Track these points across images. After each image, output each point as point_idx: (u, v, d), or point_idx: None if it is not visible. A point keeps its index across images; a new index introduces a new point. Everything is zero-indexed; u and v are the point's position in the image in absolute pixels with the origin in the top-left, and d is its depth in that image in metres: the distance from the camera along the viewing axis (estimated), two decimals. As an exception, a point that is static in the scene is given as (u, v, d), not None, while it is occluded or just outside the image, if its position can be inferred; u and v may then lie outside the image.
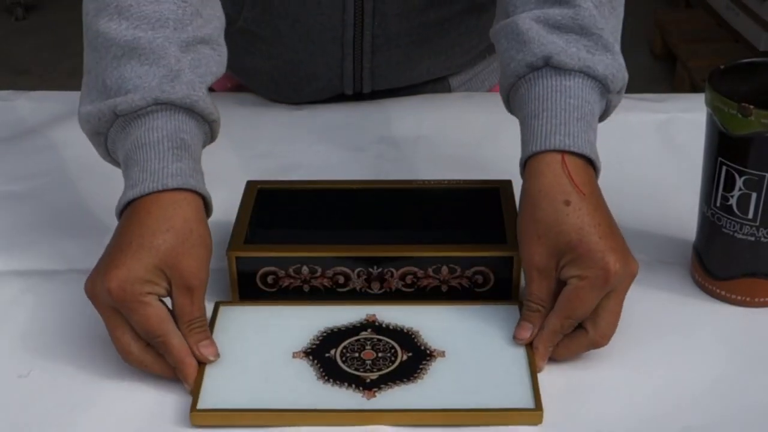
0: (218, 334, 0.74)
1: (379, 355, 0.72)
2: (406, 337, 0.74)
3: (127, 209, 0.72)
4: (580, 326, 0.72)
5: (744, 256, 0.78)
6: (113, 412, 0.69)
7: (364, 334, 0.74)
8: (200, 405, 0.68)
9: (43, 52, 3.59)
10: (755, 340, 0.76)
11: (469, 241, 0.78)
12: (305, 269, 0.77)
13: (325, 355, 0.72)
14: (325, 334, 0.74)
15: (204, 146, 0.78)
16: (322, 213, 0.84)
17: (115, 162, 0.78)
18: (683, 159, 1.00)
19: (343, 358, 0.72)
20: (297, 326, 0.75)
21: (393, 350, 0.72)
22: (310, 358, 0.72)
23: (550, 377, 0.71)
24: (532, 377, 0.70)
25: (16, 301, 0.81)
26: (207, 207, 0.74)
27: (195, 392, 0.69)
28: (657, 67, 3.49)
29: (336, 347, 0.73)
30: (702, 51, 3.20)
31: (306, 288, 0.78)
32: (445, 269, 0.76)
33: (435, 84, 1.14)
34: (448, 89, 1.16)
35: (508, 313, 0.76)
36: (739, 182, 0.75)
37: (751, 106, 0.72)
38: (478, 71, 1.17)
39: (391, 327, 0.75)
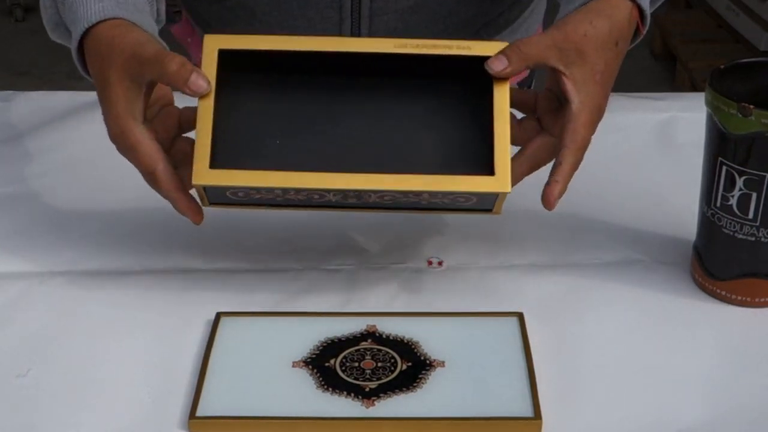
0: (219, 344, 0.74)
1: (379, 364, 0.72)
2: (405, 347, 0.74)
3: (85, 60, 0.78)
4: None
5: (744, 256, 0.78)
6: (111, 419, 0.69)
7: (364, 344, 0.74)
8: (199, 412, 0.68)
9: (43, 53, 3.59)
10: (755, 341, 0.76)
11: (453, 160, 0.73)
12: (278, 191, 0.72)
13: (325, 365, 0.72)
14: (325, 344, 0.74)
15: (154, 14, 0.83)
16: (292, 97, 0.75)
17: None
18: (683, 159, 1.00)
19: (343, 368, 0.71)
20: (297, 336, 0.75)
21: (393, 360, 0.72)
22: (310, 367, 0.72)
23: (549, 386, 0.71)
24: (531, 386, 0.69)
25: (15, 302, 0.81)
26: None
27: (194, 400, 0.69)
28: (657, 68, 3.49)
29: (336, 357, 0.73)
30: (702, 51, 3.20)
31: (279, 200, 0.74)
32: (425, 194, 0.72)
33: None
34: None
35: (507, 324, 0.76)
36: (740, 182, 0.75)
37: (751, 106, 0.72)
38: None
39: (391, 337, 0.75)
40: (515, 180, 0.74)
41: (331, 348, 0.74)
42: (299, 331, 0.75)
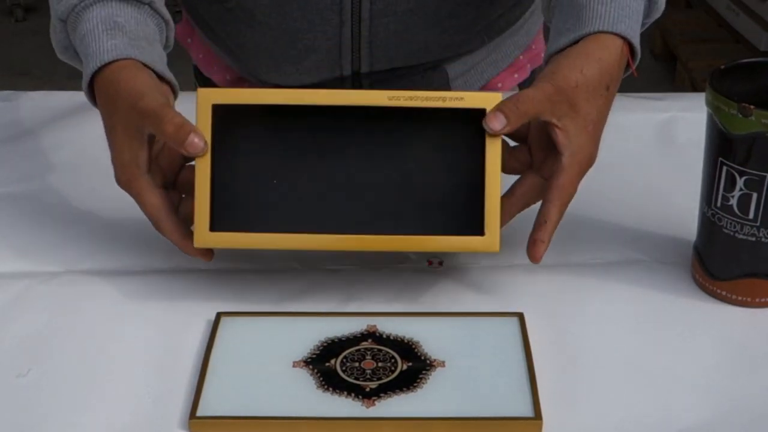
0: (219, 344, 0.74)
1: (379, 364, 0.72)
2: (406, 347, 0.74)
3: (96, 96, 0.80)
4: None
5: (744, 256, 0.78)
6: (111, 419, 0.69)
7: (364, 344, 0.74)
8: (199, 413, 0.68)
9: (43, 53, 3.58)
10: (756, 341, 0.76)
11: (443, 225, 0.75)
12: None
13: (325, 365, 0.72)
14: (325, 344, 0.74)
15: (163, 41, 0.85)
16: (286, 151, 0.76)
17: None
18: (684, 159, 1.00)
19: (343, 368, 0.71)
20: (297, 336, 0.75)
21: (393, 360, 0.72)
22: (310, 367, 0.72)
23: (550, 386, 0.71)
24: (531, 386, 0.69)
25: (15, 302, 0.81)
26: (164, 79, 0.80)
27: (195, 400, 0.69)
28: (657, 68, 3.49)
29: (336, 357, 0.73)
30: (702, 51, 3.20)
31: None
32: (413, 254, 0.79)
33: (432, 72, 1.13)
34: (446, 78, 1.15)
35: (508, 325, 0.76)
36: (740, 182, 0.75)
37: (752, 106, 0.72)
38: (476, 61, 1.17)
39: (391, 337, 0.75)
40: (504, 220, 0.76)
41: (331, 348, 0.74)
42: (299, 331, 0.75)
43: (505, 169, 0.76)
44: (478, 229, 0.74)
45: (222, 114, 0.75)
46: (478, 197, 0.74)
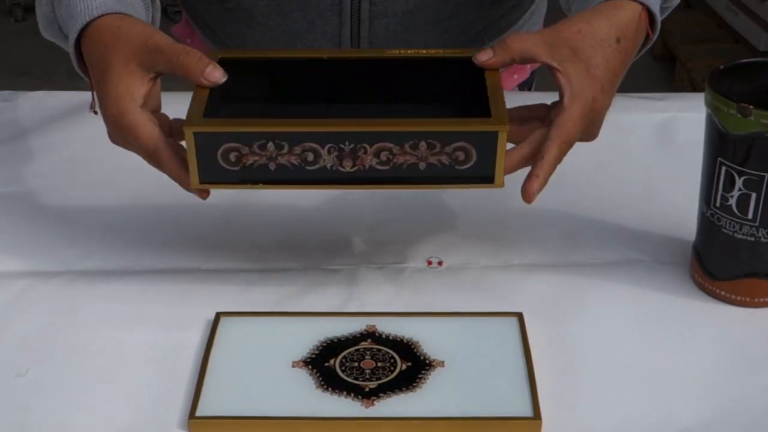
0: (218, 344, 0.74)
1: (379, 364, 0.72)
2: (405, 347, 0.74)
3: (82, 57, 0.78)
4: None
5: (744, 256, 0.78)
6: (111, 419, 0.69)
7: (363, 344, 0.74)
8: (199, 412, 0.68)
9: (43, 53, 3.58)
10: (755, 341, 0.76)
11: (450, 114, 0.74)
12: (271, 145, 0.69)
13: (325, 365, 0.72)
14: (325, 344, 0.74)
15: (149, 19, 0.83)
16: (290, 85, 0.78)
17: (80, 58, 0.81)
18: (683, 159, 1.00)
19: (343, 368, 0.72)
20: (297, 336, 0.75)
21: (392, 360, 0.72)
22: (310, 367, 0.72)
23: (549, 386, 0.71)
24: (530, 386, 0.70)
25: (15, 302, 0.81)
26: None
27: (194, 400, 0.69)
28: (657, 68, 3.49)
29: (335, 357, 0.73)
30: (701, 51, 3.20)
31: (272, 166, 0.70)
32: (423, 145, 0.69)
33: None
34: None
35: (507, 324, 0.76)
36: (739, 182, 0.75)
37: (751, 106, 0.72)
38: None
39: (390, 337, 0.75)
40: (514, 167, 0.74)
41: (330, 348, 0.74)
42: (299, 331, 0.75)
43: (517, 140, 0.75)
44: (485, 113, 0.71)
45: (224, 66, 0.74)
46: (482, 97, 0.73)
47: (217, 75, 0.73)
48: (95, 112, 0.80)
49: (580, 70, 0.73)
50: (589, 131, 0.76)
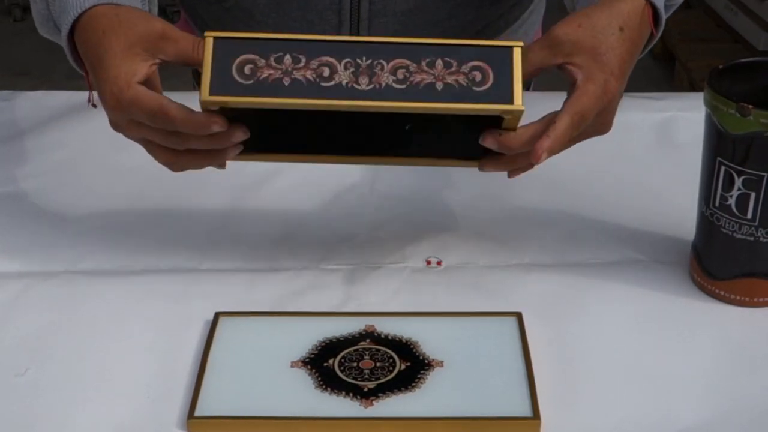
0: (217, 344, 0.74)
1: (378, 364, 0.72)
2: (404, 347, 0.74)
3: (77, 49, 0.77)
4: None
5: (743, 256, 0.78)
6: (110, 419, 0.69)
7: (362, 344, 0.74)
8: (198, 412, 0.68)
9: (42, 53, 3.58)
10: (754, 340, 0.76)
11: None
12: (288, 58, 0.69)
13: (324, 365, 0.72)
14: (323, 343, 0.74)
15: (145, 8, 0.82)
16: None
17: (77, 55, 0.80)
18: (682, 158, 1.00)
19: (342, 368, 0.71)
20: (296, 336, 0.75)
21: (391, 360, 0.72)
22: (309, 367, 0.72)
23: (548, 385, 0.71)
24: (529, 386, 0.69)
25: (14, 302, 0.81)
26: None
27: (193, 400, 0.69)
28: (656, 67, 3.49)
29: (334, 357, 0.73)
30: (701, 51, 3.20)
31: (286, 81, 0.69)
32: (439, 63, 0.69)
33: None
34: None
35: (506, 324, 0.76)
36: (738, 182, 0.75)
37: (750, 106, 0.72)
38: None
39: (389, 337, 0.75)
40: (525, 142, 0.73)
41: (329, 348, 0.74)
42: (298, 331, 0.75)
43: None
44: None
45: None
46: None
47: None
48: (93, 105, 0.79)
49: (588, 58, 0.73)
50: (603, 120, 0.75)
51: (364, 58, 0.69)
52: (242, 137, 0.73)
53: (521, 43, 0.70)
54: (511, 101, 0.70)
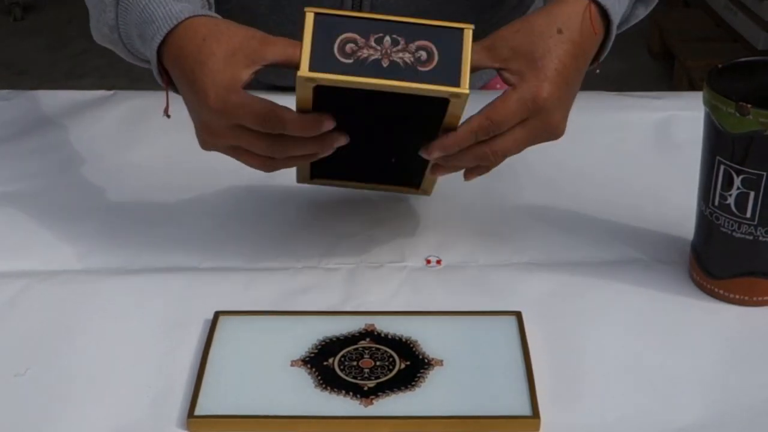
0: (217, 343, 0.74)
1: (377, 363, 0.72)
2: (404, 346, 0.74)
3: (166, 68, 0.78)
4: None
5: (742, 255, 0.78)
6: (110, 418, 0.69)
7: (362, 343, 0.74)
8: (198, 411, 0.68)
9: (42, 52, 3.59)
10: (753, 340, 0.76)
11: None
12: (387, 39, 0.69)
13: (323, 364, 0.72)
14: (323, 342, 0.74)
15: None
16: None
17: (140, 59, 0.82)
18: (681, 157, 1.00)
19: (341, 367, 0.72)
20: (295, 335, 0.75)
21: (391, 359, 0.72)
22: (309, 366, 0.72)
23: (547, 384, 0.71)
24: (529, 385, 0.70)
25: (14, 301, 0.81)
26: None
27: (193, 399, 0.69)
28: (655, 67, 3.49)
29: (334, 356, 0.73)
30: (700, 50, 3.20)
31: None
32: (387, 40, 0.69)
33: None
34: None
35: (506, 323, 0.76)
36: (737, 181, 0.75)
37: (749, 105, 0.72)
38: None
39: (389, 336, 0.75)
40: (456, 141, 0.74)
41: (329, 347, 0.74)
42: (298, 330, 0.75)
43: None
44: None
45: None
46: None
47: None
48: (168, 116, 0.80)
49: (524, 64, 0.74)
50: (547, 125, 0.76)
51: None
52: (343, 141, 0.75)
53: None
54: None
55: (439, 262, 0.86)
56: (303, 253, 0.87)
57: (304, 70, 0.69)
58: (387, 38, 0.69)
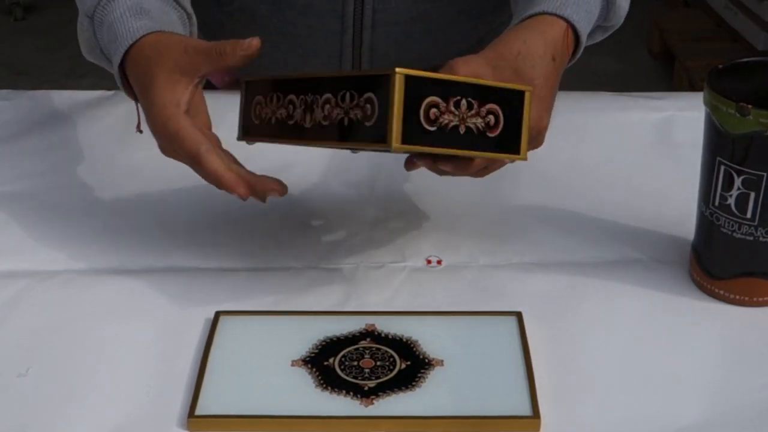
0: (218, 343, 0.74)
1: (378, 363, 0.72)
2: (404, 347, 0.74)
3: (127, 77, 0.79)
4: None
5: (742, 255, 0.78)
6: (111, 418, 0.69)
7: (363, 343, 0.74)
8: (198, 411, 0.68)
9: (42, 52, 3.59)
10: (754, 340, 0.76)
11: None
12: (464, 103, 0.67)
13: (324, 364, 0.72)
14: (324, 342, 0.74)
15: (187, 34, 0.85)
16: None
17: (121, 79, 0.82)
18: (682, 158, 1.00)
19: (342, 367, 0.72)
20: (296, 335, 0.75)
21: (391, 359, 0.72)
22: (309, 366, 0.72)
23: (548, 384, 0.71)
24: (529, 385, 0.70)
25: (15, 301, 0.81)
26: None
27: (193, 398, 0.69)
28: (655, 67, 3.49)
29: (335, 356, 0.73)
30: (700, 51, 3.20)
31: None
32: (464, 104, 0.67)
33: None
34: None
35: (506, 323, 0.76)
36: (738, 182, 0.75)
37: (750, 106, 0.72)
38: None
39: (390, 336, 0.75)
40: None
41: (330, 347, 0.74)
42: (298, 329, 0.75)
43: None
44: None
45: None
46: None
47: (254, 43, 0.74)
48: (140, 131, 0.82)
49: None
50: (535, 146, 0.77)
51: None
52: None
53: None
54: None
55: (439, 262, 0.86)
56: (303, 253, 0.87)
57: (397, 141, 0.65)
58: (463, 102, 0.68)
